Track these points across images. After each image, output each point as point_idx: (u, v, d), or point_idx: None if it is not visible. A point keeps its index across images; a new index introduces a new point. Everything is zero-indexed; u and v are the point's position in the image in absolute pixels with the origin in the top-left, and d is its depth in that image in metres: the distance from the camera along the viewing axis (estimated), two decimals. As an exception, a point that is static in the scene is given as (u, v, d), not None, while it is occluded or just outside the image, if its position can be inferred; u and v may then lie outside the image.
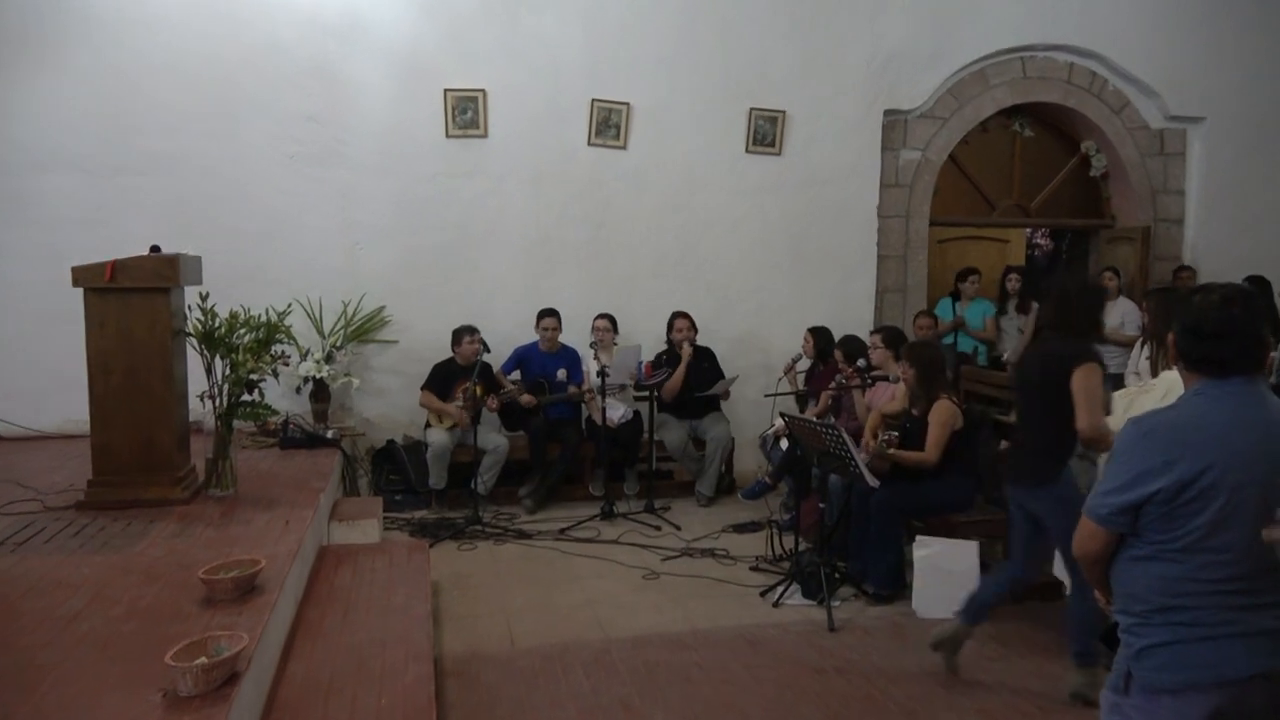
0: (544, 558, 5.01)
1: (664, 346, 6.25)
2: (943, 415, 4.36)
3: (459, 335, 5.86)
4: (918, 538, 4.30)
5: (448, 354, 5.93)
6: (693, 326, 6.14)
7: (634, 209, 6.54)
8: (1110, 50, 7.21)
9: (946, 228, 7.87)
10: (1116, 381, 5.96)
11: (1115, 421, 3.58)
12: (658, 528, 5.53)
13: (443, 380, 5.87)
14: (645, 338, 6.37)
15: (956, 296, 7.29)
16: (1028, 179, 7.66)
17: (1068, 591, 3.80)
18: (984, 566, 4.28)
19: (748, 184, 6.69)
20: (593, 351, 5.90)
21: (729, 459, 6.30)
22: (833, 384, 5.25)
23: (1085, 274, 7.39)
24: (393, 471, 5.99)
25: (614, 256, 6.54)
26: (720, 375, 6.26)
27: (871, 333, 5.48)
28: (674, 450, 6.07)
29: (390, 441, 6.10)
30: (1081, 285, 3.44)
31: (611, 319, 6.19)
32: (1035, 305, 7.09)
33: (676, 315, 6.17)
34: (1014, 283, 7.23)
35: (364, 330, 6.11)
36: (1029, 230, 9.25)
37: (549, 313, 6.03)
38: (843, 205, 6.85)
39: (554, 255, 6.44)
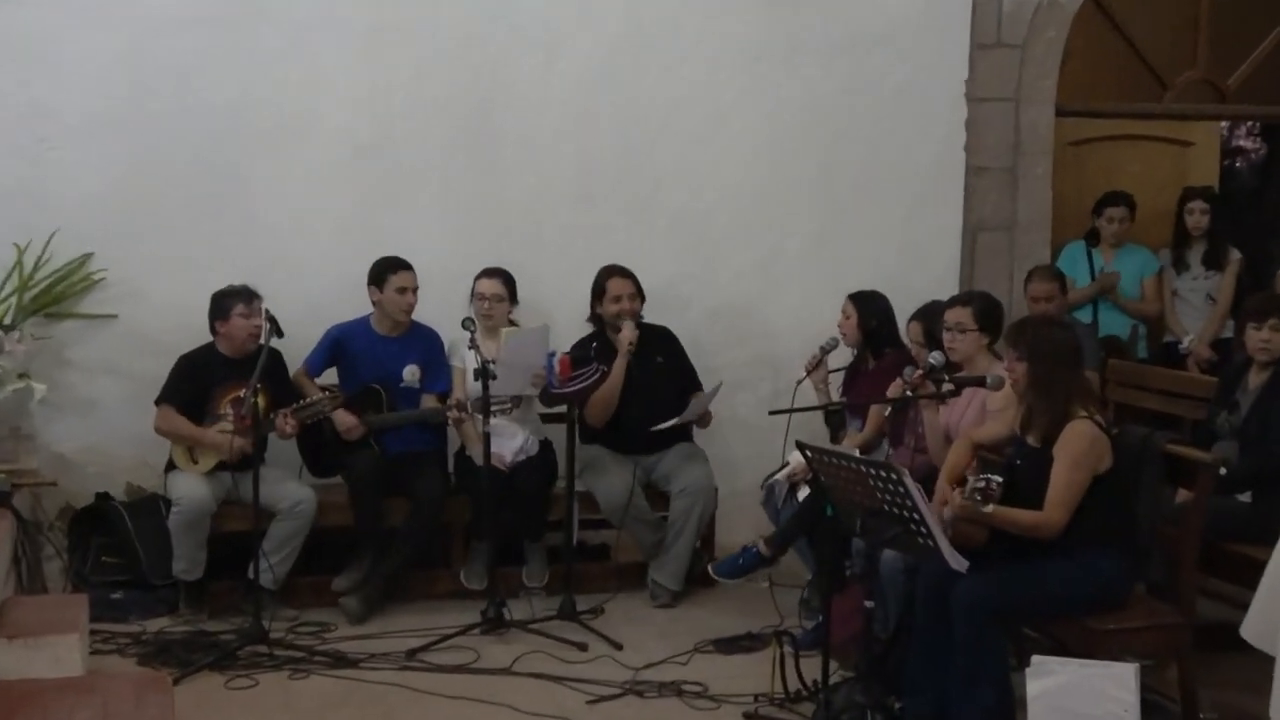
0: (381, 700, 5.04)
1: (594, 328, 6.32)
2: (1077, 446, 4.40)
3: (225, 304, 5.88)
4: (1034, 658, 4.31)
5: (206, 338, 5.95)
6: (638, 294, 6.21)
7: (541, 87, 6.59)
8: None
9: (1087, 120, 7.94)
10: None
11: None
12: (583, 646, 5.58)
13: (196, 385, 5.89)
14: (562, 313, 6.41)
15: (1094, 240, 7.31)
16: (1221, 38, 7.75)
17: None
18: (1148, 707, 4.27)
19: (744, 44, 6.76)
20: (469, 335, 5.83)
21: (710, 524, 6.33)
22: (900, 380, 5.22)
23: None
24: (109, 550, 5.98)
25: (507, 172, 6.60)
26: (690, 378, 6.28)
27: (950, 303, 5.47)
28: (611, 509, 6.12)
29: (103, 496, 6.10)
30: None
31: (506, 279, 6.25)
32: (1235, 255, 7.16)
33: (609, 273, 6.24)
34: (1198, 215, 7.25)
35: (54, 296, 6.10)
36: (1224, 125, 9.35)
37: (402, 264, 6.09)
38: (907, 81, 6.94)
39: (402, 168, 6.50)
